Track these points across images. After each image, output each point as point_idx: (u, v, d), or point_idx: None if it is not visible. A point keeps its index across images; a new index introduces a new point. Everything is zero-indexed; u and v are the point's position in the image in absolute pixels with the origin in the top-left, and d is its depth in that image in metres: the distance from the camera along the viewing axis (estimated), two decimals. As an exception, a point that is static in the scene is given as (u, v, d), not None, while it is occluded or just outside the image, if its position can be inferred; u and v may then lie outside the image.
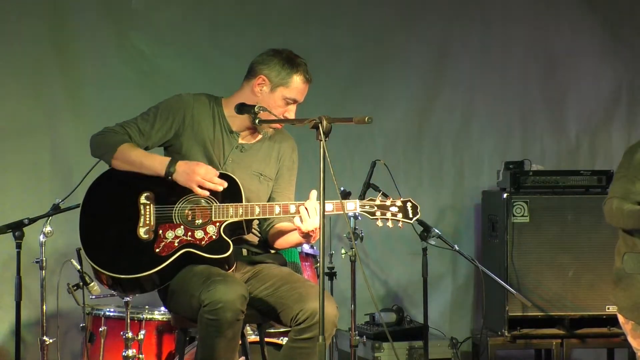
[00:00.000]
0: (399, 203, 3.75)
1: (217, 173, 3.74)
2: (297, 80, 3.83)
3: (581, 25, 6.26)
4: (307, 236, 3.69)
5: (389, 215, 3.73)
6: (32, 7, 5.45)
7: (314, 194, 3.67)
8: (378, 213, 3.73)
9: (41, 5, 5.48)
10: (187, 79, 5.61)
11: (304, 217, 3.64)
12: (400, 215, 3.74)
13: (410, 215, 3.75)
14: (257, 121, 3.69)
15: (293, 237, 3.82)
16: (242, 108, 3.76)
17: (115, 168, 3.81)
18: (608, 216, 4.14)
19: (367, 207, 3.73)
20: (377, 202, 3.74)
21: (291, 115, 3.84)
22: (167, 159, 3.76)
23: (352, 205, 3.72)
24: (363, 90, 5.99)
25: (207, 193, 3.72)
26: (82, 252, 3.77)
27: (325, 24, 5.95)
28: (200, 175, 3.70)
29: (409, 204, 3.76)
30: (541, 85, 6.25)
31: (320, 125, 3.30)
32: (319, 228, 3.27)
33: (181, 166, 3.73)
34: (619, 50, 6.30)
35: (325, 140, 3.28)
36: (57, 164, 5.44)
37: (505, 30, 6.19)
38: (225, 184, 3.73)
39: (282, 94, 3.82)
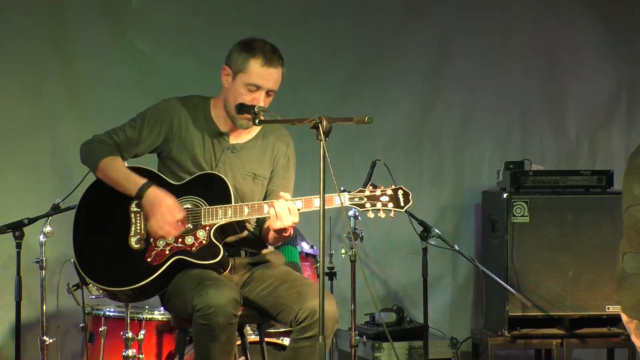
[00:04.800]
0: (389, 192, 3.66)
1: (178, 218, 3.63)
2: (254, 64, 3.71)
3: (581, 25, 6.26)
4: (279, 232, 3.65)
5: (379, 205, 3.65)
6: (32, 6, 5.44)
7: (284, 195, 3.63)
8: (368, 205, 3.65)
9: (41, 5, 5.47)
10: (187, 79, 5.61)
11: (272, 218, 3.60)
12: (391, 205, 3.65)
13: (402, 204, 3.65)
14: (257, 121, 3.66)
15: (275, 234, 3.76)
16: (242, 108, 3.74)
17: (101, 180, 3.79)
18: (637, 225, 4.09)
19: (357, 199, 3.66)
20: (367, 192, 3.66)
21: (260, 104, 3.71)
22: (142, 182, 3.69)
23: (342, 199, 3.61)
24: (363, 90, 5.98)
25: (157, 236, 3.66)
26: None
27: (325, 23, 5.95)
28: (159, 215, 3.63)
29: (400, 192, 3.66)
30: (541, 85, 6.25)
31: (320, 125, 3.29)
32: (320, 227, 3.24)
33: (151, 193, 3.66)
34: (619, 50, 6.30)
35: (325, 140, 3.27)
36: (57, 164, 5.44)
37: (505, 30, 6.19)
38: (175, 233, 3.65)
39: (242, 81, 3.72)
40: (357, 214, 4.68)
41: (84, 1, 5.54)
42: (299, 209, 3.62)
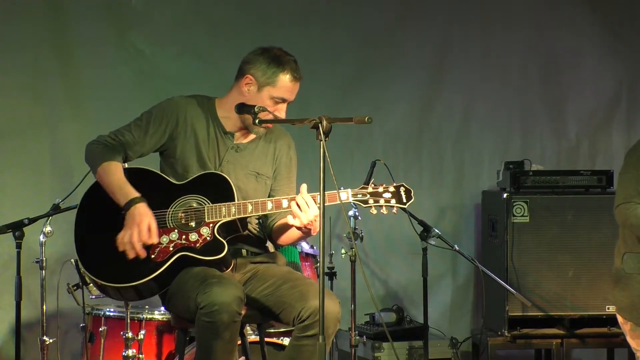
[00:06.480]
0: (391, 189, 3.71)
1: (146, 242, 3.62)
2: (283, 79, 3.77)
3: (581, 26, 6.27)
4: (305, 230, 3.67)
5: (382, 202, 3.69)
6: (32, 7, 5.45)
7: (304, 187, 3.65)
8: (371, 201, 3.69)
9: (41, 6, 5.48)
10: (187, 79, 5.61)
11: (295, 212, 3.62)
12: (393, 201, 3.70)
13: (404, 200, 3.71)
14: (257, 121, 3.67)
15: (295, 232, 3.78)
16: (242, 108, 3.75)
17: None
18: (626, 222, 4.11)
19: (360, 195, 3.70)
20: (369, 189, 3.70)
21: (282, 114, 3.80)
22: (133, 196, 3.66)
23: (345, 195, 3.67)
24: (363, 90, 5.99)
25: (120, 247, 3.64)
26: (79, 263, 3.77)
27: (325, 24, 5.95)
28: (131, 231, 3.62)
29: (402, 189, 3.71)
30: (541, 85, 6.25)
31: (320, 125, 3.29)
32: (320, 227, 3.26)
33: (138, 208, 3.64)
34: (619, 50, 6.30)
35: (325, 140, 3.27)
36: (57, 164, 5.44)
37: (505, 30, 6.20)
38: (132, 256, 3.63)
39: (269, 94, 3.77)
40: (357, 213, 4.68)
41: (84, 1, 5.54)
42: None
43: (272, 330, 4.56)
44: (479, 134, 6.17)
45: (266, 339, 4.00)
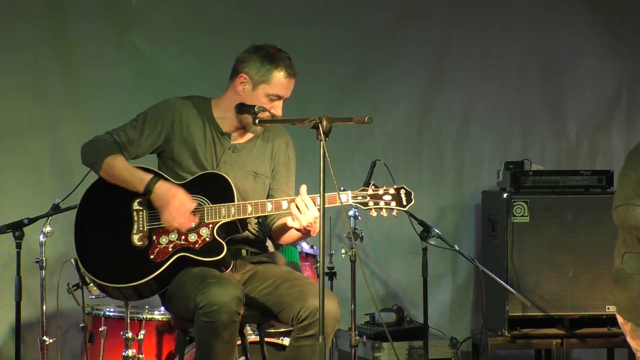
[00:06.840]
0: (392, 191, 3.69)
1: (191, 209, 3.67)
2: (278, 76, 3.78)
3: (581, 26, 6.27)
4: (305, 231, 3.66)
5: (382, 204, 3.67)
6: (32, 7, 5.44)
7: (303, 189, 3.65)
8: (371, 203, 3.67)
9: (41, 6, 5.47)
10: (187, 79, 5.61)
11: (295, 214, 3.62)
12: (393, 204, 3.68)
13: (404, 203, 3.68)
14: (257, 121, 3.67)
15: (295, 233, 3.76)
16: (242, 108, 3.75)
17: (104, 179, 3.79)
18: (625, 224, 4.11)
19: (360, 197, 3.68)
20: (370, 191, 3.68)
21: (278, 111, 3.80)
22: (148, 177, 3.71)
23: (345, 197, 3.65)
24: (363, 90, 5.99)
25: (172, 228, 3.68)
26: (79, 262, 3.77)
27: (325, 24, 5.95)
28: (171, 209, 3.65)
29: (402, 191, 3.69)
30: (541, 85, 6.25)
31: (320, 125, 3.29)
32: (320, 228, 3.25)
33: (160, 188, 3.69)
34: (619, 50, 6.30)
35: (325, 140, 3.28)
36: (57, 164, 5.44)
37: (505, 30, 6.20)
38: (193, 223, 3.67)
39: (264, 91, 3.77)
40: (357, 213, 4.68)
41: (84, 1, 5.54)
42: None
43: (272, 330, 4.56)
44: (479, 134, 6.17)
45: (266, 339, 4.00)
